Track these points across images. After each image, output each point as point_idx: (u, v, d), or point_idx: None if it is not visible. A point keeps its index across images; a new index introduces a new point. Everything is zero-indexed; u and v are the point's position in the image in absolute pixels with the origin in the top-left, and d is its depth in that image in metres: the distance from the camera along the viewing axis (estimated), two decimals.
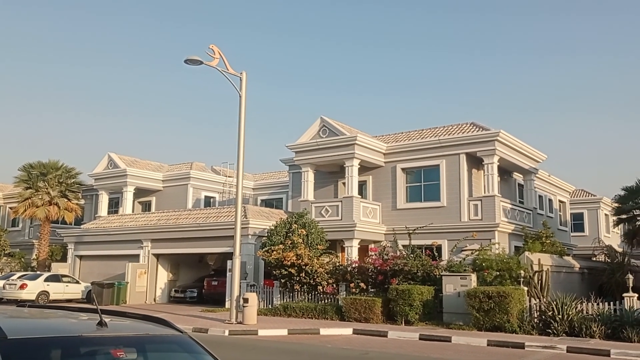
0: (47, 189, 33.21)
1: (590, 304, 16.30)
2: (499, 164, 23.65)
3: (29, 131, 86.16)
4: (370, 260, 20.81)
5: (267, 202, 34.72)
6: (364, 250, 23.72)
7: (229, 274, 21.29)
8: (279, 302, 21.44)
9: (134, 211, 33.74)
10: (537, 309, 16.77)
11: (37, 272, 29.73)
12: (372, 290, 20.19)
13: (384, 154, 25.76)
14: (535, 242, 22.94)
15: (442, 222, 23.37)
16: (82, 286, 27.56)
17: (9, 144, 79.48)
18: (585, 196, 38.94)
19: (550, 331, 15.64)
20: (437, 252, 21.67)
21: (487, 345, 14.45)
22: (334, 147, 24.95)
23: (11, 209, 37.50)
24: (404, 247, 22.53)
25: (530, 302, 17.08)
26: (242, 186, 19.76)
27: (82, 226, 32.40)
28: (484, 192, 23.46)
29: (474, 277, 18.21)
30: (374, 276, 20.14)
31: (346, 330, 17.03)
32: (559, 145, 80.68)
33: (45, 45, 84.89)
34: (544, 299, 17.17)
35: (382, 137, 27.25)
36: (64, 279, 27.47)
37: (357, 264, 21.06)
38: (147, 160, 35.74)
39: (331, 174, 27.00)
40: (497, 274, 18.49)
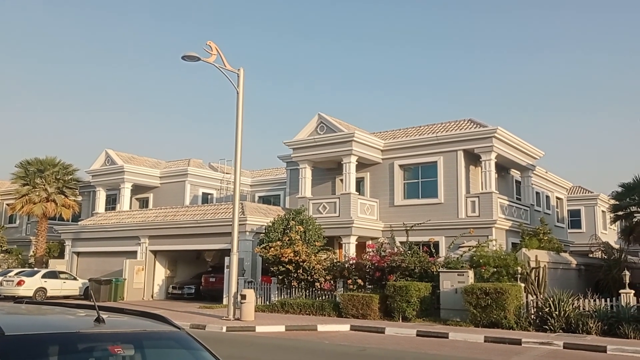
0: (44, 185, 33.15)
1: (587, 301, 16.35)
2: (496, 160, 23.68)
3: (26, 128, 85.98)
4: (367, 256, 20.84)
5: (264, 199, 34.73)
6: (361, 246, 23.75)
7: (226, 270, 21.30)
8: (277, 299, 21.47)
9: (131, 208, 33.70)
10: (534, 305, 16.82)
11: (35, 268, 29.69)
12: (370, 286, 20.23)
13: (382, 151, 25.77)
14: (532, 238, 22.98)
15: (439, 218, 23.41)
16: (80, 283, 27.55)
17: (6, 141, 79.31)
18: (582, 193, 39.03)
19: (547, 327, 15.69)
20: (435, 249, 21.71)
21: (484, 341, 14.48)
22: (332, 143, 24.95)
23: (8, 205, 37.41)
24: (401, 243, 22.55)
25: (527, 298, 17.13)
26: (240, 183, 19.75)
27: (79, 223, 32.36)
28: (482, 189, 23.50)
29: (471, 273, 18.25)
30: (372, 273, 20.18)
31: (343, 326, 17.06)
32: (556, 141, 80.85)
33: (43, 41, 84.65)
34: (541, 296, 17.22)
35: (380, 133, 27.26)
36: (62, 276, 27.45)
37: (354, 261, 21.09)
38: (144, 156, 35.72)
39: (329, 171, 27.01)
40: (495, 271, 18.54)
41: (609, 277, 22.85)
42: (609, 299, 16.17)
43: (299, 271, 20.95)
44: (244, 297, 18.05)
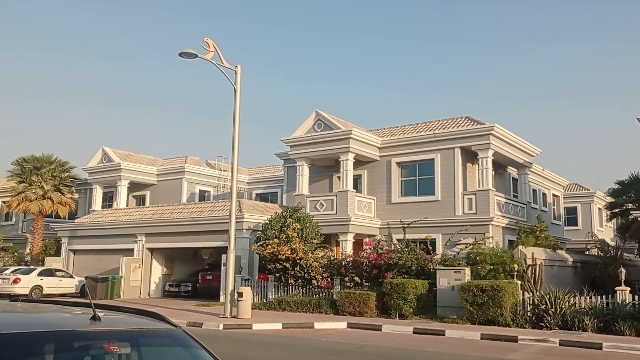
0: (40, 183, 33.04)
1: (582, 298, 16.40)
2: (493, 158, 23.72)
3: (23, 125, 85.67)
4: (364, 254, 20.86)
5: (261, 196, 34.71)
6: (358, 244, 23.77)
7: (223, 268, 21.28)
8: (274, 296, 21.47)
9: (128, 205, 33.65)
10: (531, 302, 16.86)
11: (31, 266, 29.61)
12: (367, 284, 20.24)
13: (379, 148, 25.78)
14: (529, 236, 23.06)
15: (436, 216, 23.45)
16: (76, 280, 27.49)
17: (2, 137, 79.04)
18: (578, 190, 39.12)
19: (543, 325, 15.73)
20: (432, 246, 21.75)
21: (481, 338, 14.52)
22: (329, 141, 24.95)
23: (4, 203, 37.26)
24: (398, 241, 22.60)
25: (523, 295, 17.16)
26: (237, 180, 19.72)
27: (76, 220, 32.29)
28: (479, 186, 23.54)
29: (467, 271, 18.28)
30: (369, 270, 20.19)
31: (340, 324, 17.08)
32: (553, 139, 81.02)
33: (40, 38, 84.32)
34: (537, 293, 17.26)
35: (377, 131, 27.27)
36: (58, 274, 27.36)
37: (351, 258, 21.11)
38: (141, 154, 35.65)
39: (326, 168, 27.01)
40: (491, 268, 18.58)
41: (605, 275, 22.94)
42: (604, 296, 16.22)
43: (296, 269, 20.95)
44: (240, 294, 18.05)
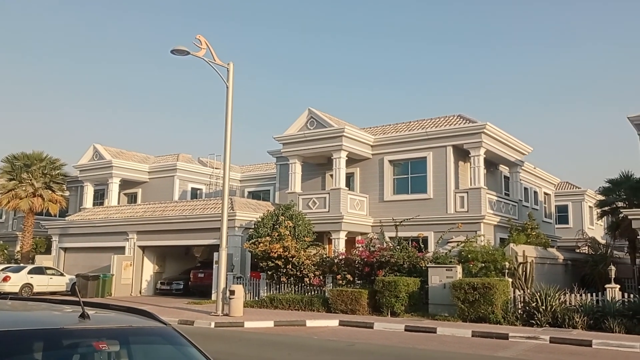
0: (31, 180, 32.81)
1: (573, 295, 16.49)
2: (485, 156, 23.80)
3: (13, 122, 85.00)
4: (357, 252, 20.88)
5: (254, 194, 34.66)
6: (351, 242, 23.79)
7: (215, 266, 21.23)
8: (266, 294, 21.46)
9: (119, 203, 33.50)
10: (521, 300, 16.95)
11: (21, 264, 29.41)
12: (359, 282, 20.27)
13: (372, 146, 25.80)
14: (520, 234, 23.16)
15: (428, 214, 23.50)
16: (67, 278, 27.34)
17: None
18: (569, 188, 39.36)
19: (533, 322, 15.82)
20: (424, 244, 21.80)
21: (472, 336, 14.59)
22: (322, 138, 24.93)
23: None
24: (390, 239, 22.63)
25: (514, 293, 17.24)
26: (229, 178, 19.68)
27: (66, 218, 32.10)
28: (470, 184, 23.62)
29: (459, 268, 18.34)
30: (361, 268, 20.22)
31: (332, 322, 17.09)
32: (545, 137, 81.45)
33: (29, 35, 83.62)
34: (528, 290, 17.36)
35: (370, 129, 27.28)
36: (48, 272, 27.22)
37: (344, 256, 21.12)
38: (133, 151, 35.48)
39: (319, 166, 27.00)
40: (483, 266, 18.66)
41: (595, 272, 23.10)
42: (594, 294, 16.32)
43: (288, 267, 20.94)
44: (232, 292, 18.02)
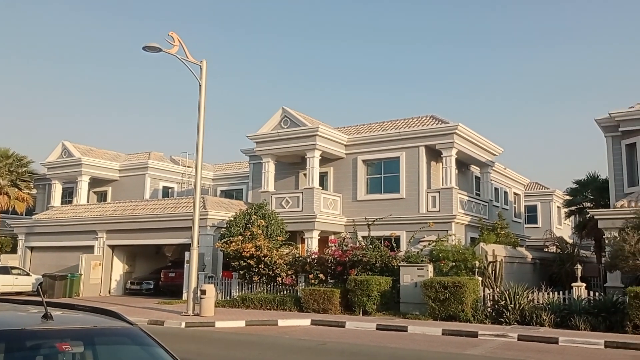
0: None
1: (541, 294, 16.81)
2: (457, 156, 24.11)
3: None
4: (329, 251, 20.91)
5: (226, 193, 34.41)
6: (324, 241, 23.82)
7: (186, 265, 21.02)
8: (238, 294, 21.33)
9: (89, 201, 32.87)
10: (491, 298, 17.21)
11: None
12: (332, 281, 20.30)
13: (345, 146, 25.88)
14: (490, 233, 23.53)
15: (401, 213, 23.70)
16: (33, 278, 26.71)
17: None
18: (538, 189, 40.17)
19: (502, 320, 16.08)
20: (396, 243, 21.96)
21: (442, 334, 14.75)
22: (295, 137, 24.90)
23: None
24: (363, 238, 22.74)
25: (484, 292, 17.50)
26: (201, 177, 19.51)
27: (33, 216, 31.36)
28: (442, 184, 23.90)
29: (430, 267, 18.54)
30: (333, 267, 20.25)
31: (304, 321, 17.08)
32: (515, 138, 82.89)
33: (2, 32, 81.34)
34: (497, 289, 17.63)
35: (344, 128, 27.36)
36: (14, 271, 26.58)
37: (316, 255, 21.13)
38: (103, 149, 34.87)
39: (292, 165, 26.96)
40: (453, 265, 18.89)
41: (562, 271, 23.63)
42: (561, 292, 16.67)
43: (260, 266, 20.85)
44: (204, 292, 17.86)
